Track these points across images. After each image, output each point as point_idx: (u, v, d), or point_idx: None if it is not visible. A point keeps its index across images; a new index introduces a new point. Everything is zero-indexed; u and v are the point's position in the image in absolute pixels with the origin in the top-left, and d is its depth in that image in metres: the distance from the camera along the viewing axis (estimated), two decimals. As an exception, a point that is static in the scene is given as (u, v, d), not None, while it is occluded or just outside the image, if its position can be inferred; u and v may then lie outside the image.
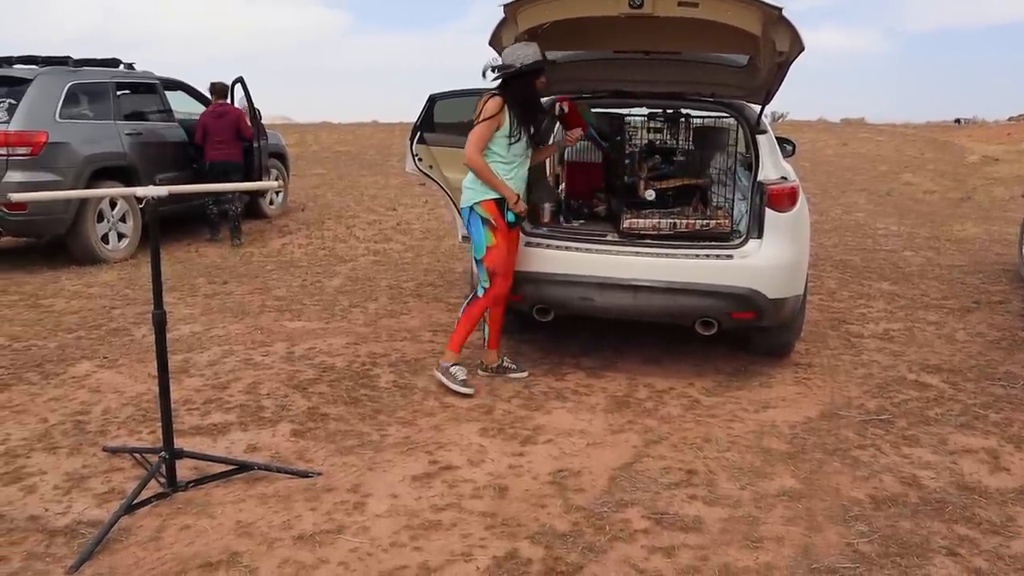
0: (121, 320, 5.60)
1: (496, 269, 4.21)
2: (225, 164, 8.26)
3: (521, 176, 4.25)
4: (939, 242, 8.98)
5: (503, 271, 4.24)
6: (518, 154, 4.18)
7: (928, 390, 4.33)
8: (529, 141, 4.21)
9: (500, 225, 4.17)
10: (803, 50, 3.93)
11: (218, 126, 8.26)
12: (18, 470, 3.34)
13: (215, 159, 8.25)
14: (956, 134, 21.63)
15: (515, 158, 4.18)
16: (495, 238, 4.17)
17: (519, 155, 4.19)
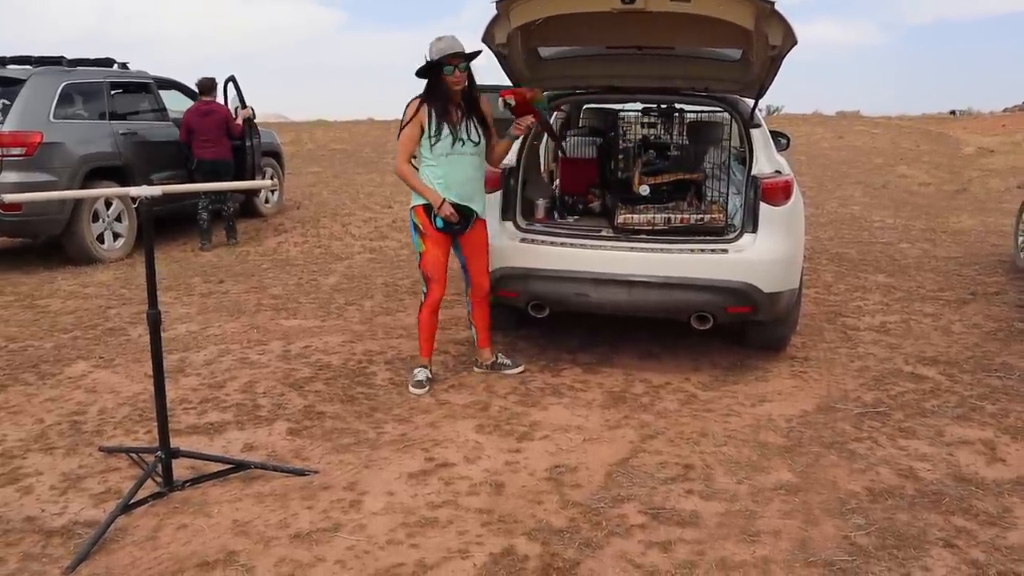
0: (117, 320, 5.59)
1: (429, 275, 4.16)
2: (214, 163, 8.10)
3: (456, 177, 4.06)
4: (935, 234, 8.99)
5: (437, 277, 4.17)
6: (443, 154, 4.02)
7: (924, 382, 4.34)
8: (457, 139, 4.01)
9: (429, 231, 4.10)
10: (796, 44, 3.93)
11: (204, 124, 8.09)
12: (14, 471, 3.34)
13: (204, 157, 8.10)
14: (951, 126, 21.64)
15: (440, 159, 4.03)
16: (424, 244, 4.14)
17: (444, 155, 4.02)
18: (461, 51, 3.90)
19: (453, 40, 3.89)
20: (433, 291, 4.19)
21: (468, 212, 4.12)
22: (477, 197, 4.16)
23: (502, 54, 4.31)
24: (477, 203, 4.16)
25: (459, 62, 3.91)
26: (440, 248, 4.15)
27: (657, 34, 4.25)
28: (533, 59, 4.63)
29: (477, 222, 4.19)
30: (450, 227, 4.10)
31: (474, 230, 4.19)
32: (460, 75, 3.94)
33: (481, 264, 4.26)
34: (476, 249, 4.23)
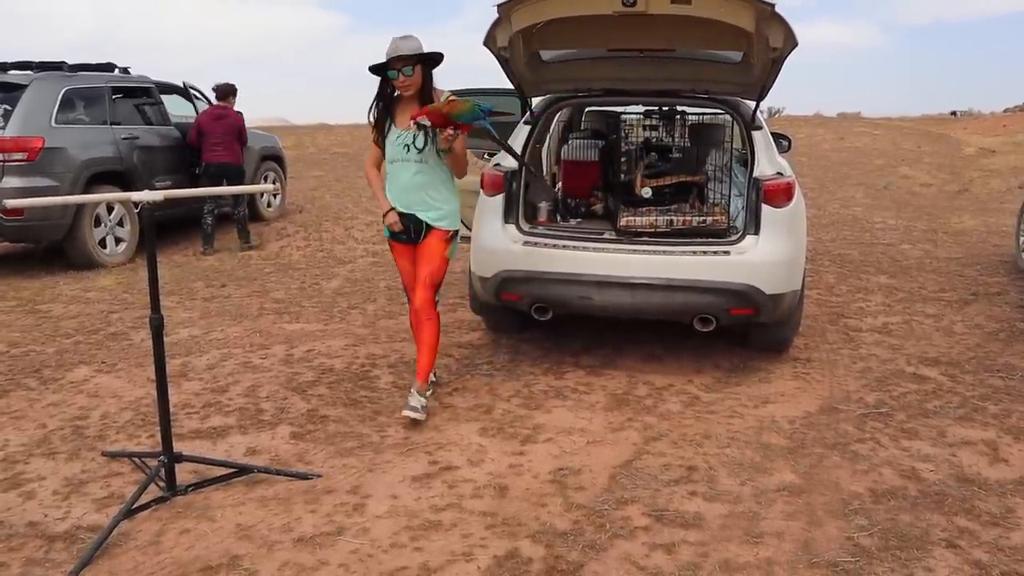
0: (119, 325, 5.60)
1: (404, 284, 4.15)
2: (223, 167, 8.14)
3: (398, 185, 3.89)
4: (936, 235, 8.99)
5: (408, 285, 4.08)
6: (391, 159, 3.91)
7: (927, 383, 4.33)
8: (402, 145, 3.83)
9: (390, 240, 4.07)
10: (796, 46, 3.93)
11: (216, 128, 8.16)
12: (17, 476, 3.34)
13: (211, 161, 8.14)
14: (952, 127, 21.63)
15: (389, 164, 3.93)
16: (393, 253, 4.12)
17: (391, 161, 3.91)
18: (404, 54, 3.71)
19: (401, 42, 3.71)
20: (411, 300, 4.07)
21: (416, 222, 3.91)
22: (423, 207, 3.88)
23: (504, 57, 4.31)
24: (425, 212, 3.88)
25: (401, 66, 3.73)
26: (403, 257, 4.04)
27: (658, 36, 4.24)
28: (535, 62, 4.63)
29: (432, 232, 3.91)
30: (397, 236, 3.97)
31: (426, 239, 3.92)
32: (405, 80, 3.75)
33: (422, 272, 3.92)
34: (421, 255, 3.95)
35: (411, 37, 3.72)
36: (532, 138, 4.74)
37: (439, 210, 3.91)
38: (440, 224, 3.91)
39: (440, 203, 3.91)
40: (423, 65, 3.78)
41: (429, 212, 3.90)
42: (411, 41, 3.72)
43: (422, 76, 3.79)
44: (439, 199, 3.91)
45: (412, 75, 3.75)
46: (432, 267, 3.90)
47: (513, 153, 4.47)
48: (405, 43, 3.70)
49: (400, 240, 3.98)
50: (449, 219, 3.94)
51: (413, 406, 3.83)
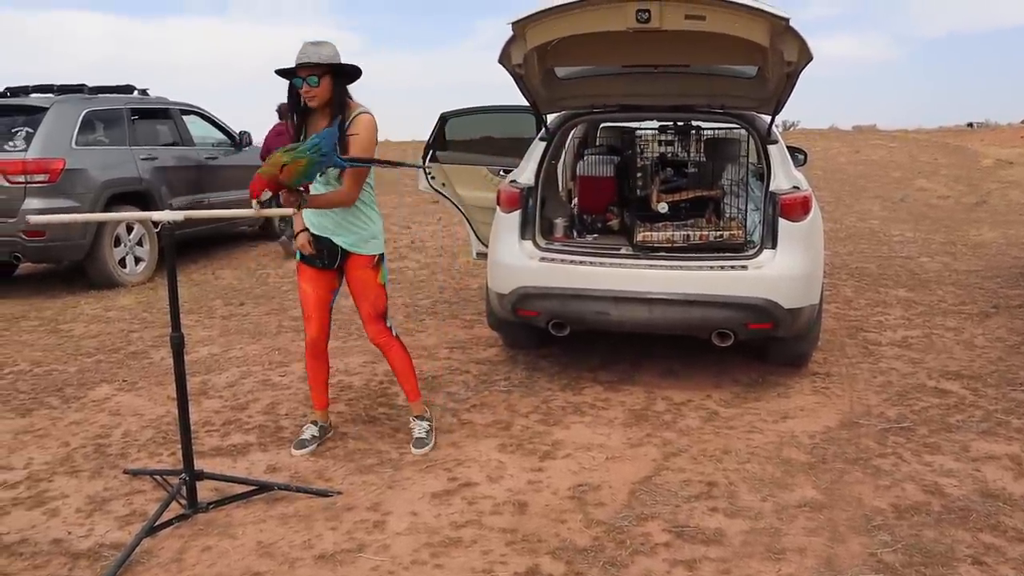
0: (139, 343, 5.65)
1: (303, 309, 3.74)
2: None
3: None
4: (955, 247, 8.93)
5: (307, 313, 3.70)
6: None
7: (948, 397, 4.30)
8: None
9: (298, 262, 3.73)
10: (811, 59, 3.94)
11: (276, 144, 8.31)
12: (41, 494, 3.37)
13: None
14: (969, 138, 21.52)
15: None
16: (297, 276, 3.75)
17: None
18: (310, 61, 3.30)
19: (311, 47, 3.32)
20: (307, 328, 3.73)
21: (330, 246, 3.56)
22: (339, 230, 3.53)
23: (519, 74, 4.34)
24: (341, 237, 3.54)
25: (307, 74, 3.32)
26: (307, 281, 3.65)
27: (672, 52, 4.27)
28: (549, 79, 4.66)
29: (353, 258, 3.58)
30: (309, 260, 3.62)
31: (349, 268, 3.61)
32: (309, 90, 3.34)
33: (363, 309, 3.67)
34: (354, 290, 3.66)
35: (325, 43, 3.35)
36: (547, 154, 4.76)
37: (356, 234, 3.54)
38: (361, 249, 3.56)
39: (357, 226, 3.54)
40: (333, 76, 3.37)
41: (345, 236, 3.54)
42: (323, 48, 3.32)
43: (331, 89, 3.37)
44: (356, 222, 3.53)
45: (317, 86, 3.33)
46: (370, 298, 3.63)
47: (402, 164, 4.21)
48: (315, 49, 3.31)
49: (311, 264, 3.63)
50: (370, 243, 3.58)
51: (419, 438, 3.75)
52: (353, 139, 3.39)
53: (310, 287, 3.66)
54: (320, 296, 3.66)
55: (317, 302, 3.67)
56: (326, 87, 3.36)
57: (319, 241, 3.56)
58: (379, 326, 3.69)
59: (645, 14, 3.71)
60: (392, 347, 3.75)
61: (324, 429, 3.87)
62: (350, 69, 3.41)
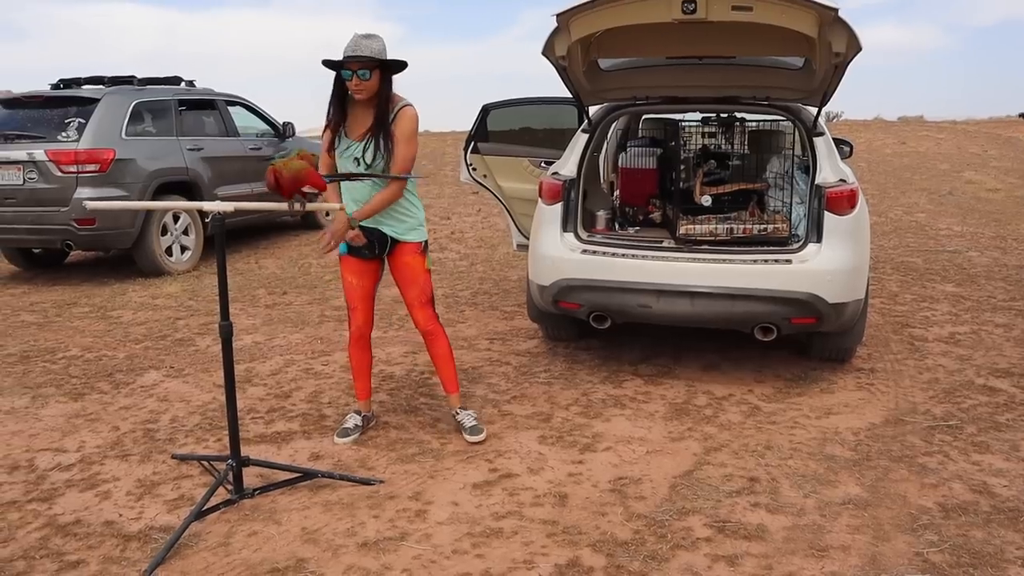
0: (186, 331, 5.75)
1: (347, 301, 3.79)
2: None
3: (359, 198, 3.53)
4: (1005, 241, 8.73)
5: (352, 303, 3.74)
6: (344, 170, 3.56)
7: (998, 395, 4.22)
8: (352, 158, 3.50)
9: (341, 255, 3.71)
10: (860, 50, 3.87)
11: None
12: (93, 476, 3.46)
13: None
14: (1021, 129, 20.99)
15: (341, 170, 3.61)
16: (341, 267, 3.76)
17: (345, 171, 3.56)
18: (362, 55, 3.32)
19: (363, 40, 3.34)
20: (352, 319, 3.77)
21: (380, 236, 3.60)
22: (389, 219, 3.57)
23: (562, 66, 4.33)
24: (391, 226, 3.59)
25: (357, 68, 3.32)
26: (352, 273, 3.70)
27: (718, 43, 4.23)
28: (593, 70, 4.65)
29: (400, 246, 3.62)
30: (359, 251, 3.63)
31: (396, 256, 3.65)
32: (359, 83, 3.35)
33: (411, 295, 3.69)
34: (401, 278, 3.68)
35: (375, 37, 3.35)
36: (590, 146, 4.75)
37: (403, 222, 3.61)
38: (409, 237, 3.62)
39: (404, 215, 3.60)
40: (382, 70, 3.39)
41: (393, 226, 3.60)
42: (374, 42, 3.34)
43: (379, 82, 3.40)
44: (402, 211, 3.59)
45: (368, 80, 3.34)
46: (419, 284, 3.67)
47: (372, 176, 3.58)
48: (366, 43, 3.32)
49: (357, 255, 3.65)
50: (417, 230, 3.65)
51: (473, 425, 3.78)
52: (398, 133, 3.45)
53: (355, 278, 3.69)
54: (366, 286, 3.71)
55: (363, 293, 3.72)
56: (375, 81, 3.37)
57: (367, 232, 3.57)
58: (428, 311, 3.72)
59: (691, 5, 3.68)
60: (439, 334, 3.77)
61: (367, 419, 3.91)
62: (398, 64, 3.43)
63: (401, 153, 3.46)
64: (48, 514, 3.14)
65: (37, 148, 7.01)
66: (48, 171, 6.96)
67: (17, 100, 7.66)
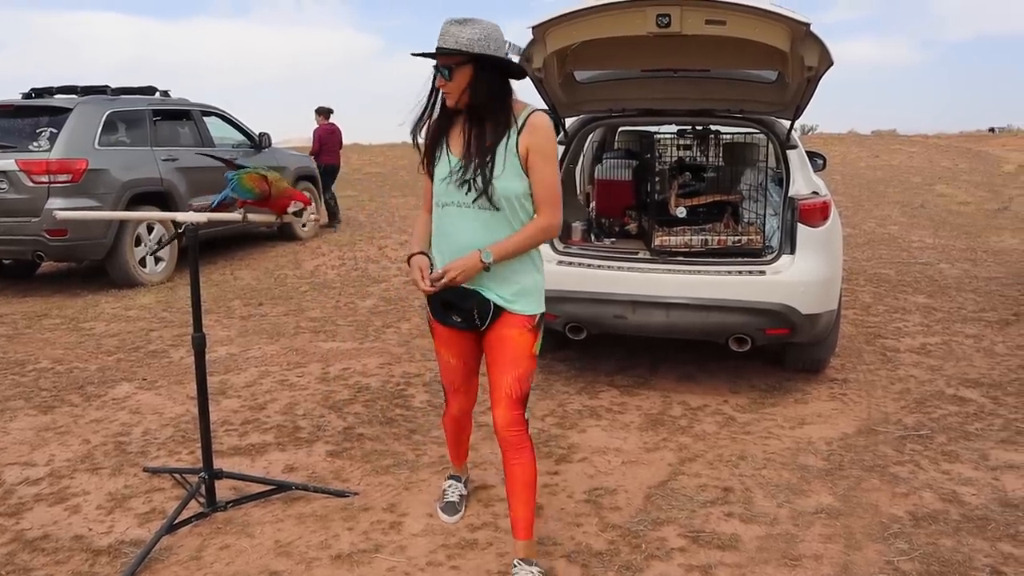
0: (159, 343, 5.70)
1: (442, 381, 2.92)
2: (334, 167, 11.34)
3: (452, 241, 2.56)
4: (976, 254, 8.86)
5: (450, 385, 2.88)
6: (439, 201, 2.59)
7: (968, 405, 4.27)
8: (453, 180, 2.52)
9: (431, 320, 2.75)
10: (832, 64, 3.92)
11: (331, 140, 11.33)
12: (63, 490, 3.41)
13: (328, 163, 11.13)
14: (991, 143, 21.34)
15: (437, 208, 2.61)
16: (433, 338, 2.83)
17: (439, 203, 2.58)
18: (447, 47, 2.43)
19: (454, 27, 2.43)
20: (450, 401, 2.94)
21: (481, 302, 2.57)
22: (498, 280, 2.55)
23: (538, 78, 4.35)
24: (496, 288, 2.56)
25: (441, 63, 2.46)
26: (450, 349, 2.76)
27: (692, 56, 4.27)
28: (569, 82, 4.67)
29: (507, 318, 2.59)
30: (447, 319, 2.64)
31: (498, 326, 2.61)
32: (443, 83, 2.48)
33: (502, 381, 2.61)
34: (497, 356, 2.63)
35: (471, 22, 2.43)
36: (566, 158, 4.77)
37: (518, 284, 2.58)
38: (519, 306, 2.59)
39: (521, 274, 2.59)
40: (476, 68, 2.44)
41: (502, 289, 2.56)
42: (466, 28, 2.42)
43: (471, 84, 2.45)
44: (521, 268, 2.59)
45: (448, 79, 2.45)
46: (518, 372, 2.60)
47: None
48: (456, 30, 2.42)
49: (451, 325, 2.66)
50: (533, 297, 2.63)
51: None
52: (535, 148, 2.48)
53: (454, 356, 2.77)
54: (469, 366, 2.81)
55: (466, 373, 2.82)
56: (461, 81, 2.45)
57: (465, 296, 2.56)
58: (517, 412, 2.64)
59: (665, 19, 3.71)
60: (525, 448, 2.66)
61: (465, 483, 3.31)
62: (497, 61, 2.46)
63: (545, 176, 2.50)
64: (15, 529, 3.09)
65: (7, 158, 6.93)
66: (19, 181, 6.88)
67: (-12, 109, 7.57)
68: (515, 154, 2.48)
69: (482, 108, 2.48)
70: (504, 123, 2.49)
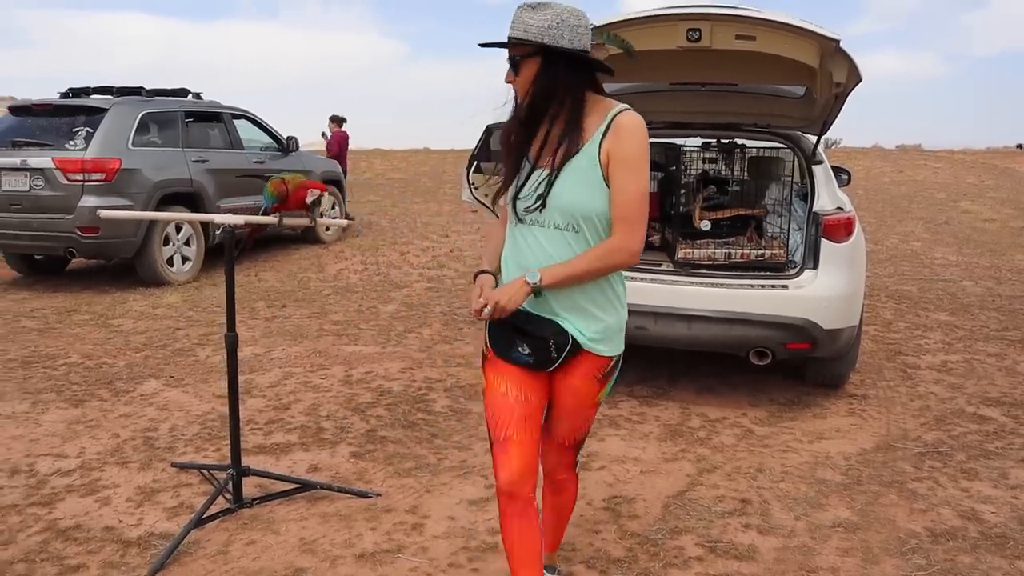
0: (185, 341, 5.79)
1: (492, 429, 2.22)
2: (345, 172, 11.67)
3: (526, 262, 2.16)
4: (1000, 272, 8.81)
5: (504, 431, 2.17)
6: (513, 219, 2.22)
7: (988, 423, 4.27)
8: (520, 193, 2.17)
9: (489, 352, 2.28)
10: (860, 81, 3.96)
11: (346, 146, 12.58)
12: (93, 482, 3.49)
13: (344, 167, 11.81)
14: (1018, 160, 21.17)
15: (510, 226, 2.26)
16: (484, 372, 2.29)
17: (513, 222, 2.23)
18: (515, 36, 2.08)
19: (523, 15, 2.08)
20: (500, 462, 2.17)
21: (558, 334, 2.16)
22: (578, 312, 2.16)
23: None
24: (580, 322, 2.16)
25: (511, 53, 2.12)
26: (509, 382, 2.20)
27: (721, 71, 4.31)
28: (596, 95, 4.71)
29: (582, 358, 2.19)
30: (515, 355, 2.19)
31: (568, 372, 2.22)
32: (510, 77, 2.14)
33: (563, 427, 2.34)
34: (562, 405, 2.28)
35: (545, 6, 2.07)
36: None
37: (601, 320, 2.19)
38: (600, 346, 2.19)
39: (604, 306, 2.19)
40: (545, 59, 2.07)
41: (585, 322, 2.17)
42: (538, 14, 2.06)
43: (536, 77, 2.09)
44: (597, 298, 2.18)
45: (516, 73, 2.11)
46: (579, 419, 2.33)
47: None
48: (527, 16, 2.07)
49: (517, 361, 2.20)
50: (615, 338, 2.24)
51: None
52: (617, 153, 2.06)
53: (513, 386, 2.20)
54: (531, 404, 2.20)
55: (524, 416, 2.19)
56: (528, 75, 2.10)
57: (539, 323, 2.18)
58: (571, 457, 2.44)
59: (696, 33, 3.77)
60: (572, 486, 2.52)
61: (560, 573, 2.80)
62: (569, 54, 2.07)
63: (623, 187, 2.07)
64: (48, 518, 3.18)
65: (44, 156, 7.08)
66: (55, 179, 7.03)
67: (26, 108, 7.73)
68: (596, 163, 2.07)
69: (550, 107, 2.10)
70: (576, 125, 2.09)
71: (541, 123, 2.13)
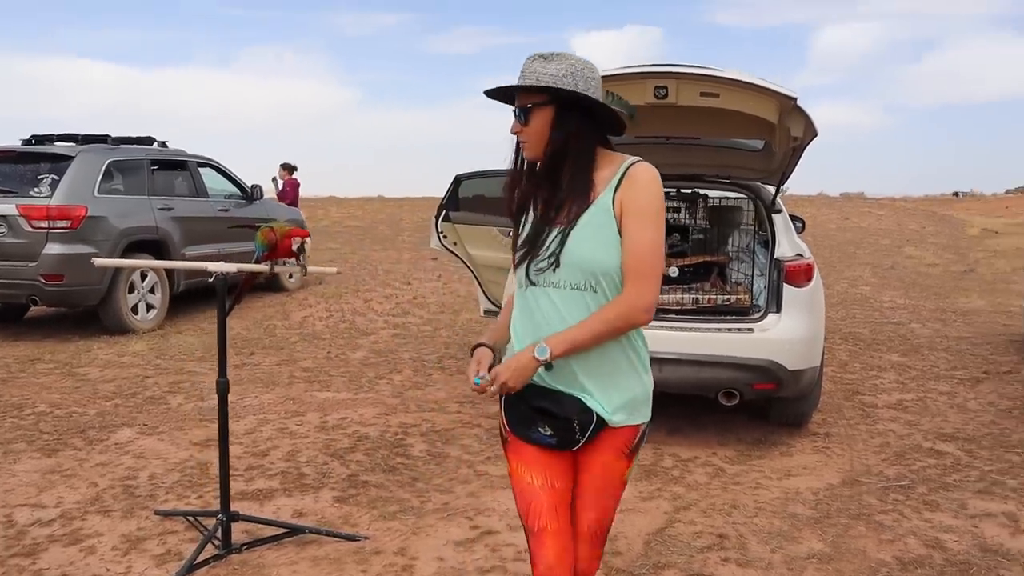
0: (156, 389, 5.77)
1: (526, 519, 2.06)
2: None
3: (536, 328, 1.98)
4: (945, 314, 9.19)
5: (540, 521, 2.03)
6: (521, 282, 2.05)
7: (944, 457, 4.48)
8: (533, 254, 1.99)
9: (508, 434, 2.09)
10: (816, 135, 4.21)
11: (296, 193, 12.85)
12: (76, 531, 3.48)
13: None
14: (955, 207, 22.04)
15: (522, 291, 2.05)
16: (507, 456, 2.12)
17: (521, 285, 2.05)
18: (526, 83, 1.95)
19: (534, 65, 1.95)
20: (536, 555, 2.04)
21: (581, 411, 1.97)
22: (599, 384, 1.98)
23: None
24: (603, 395, 1.98)
25: (518, 103, 1.99)
26: (532, 467, 2.04)
27: (685, 125, 4.53)
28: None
29: (607, 434, 2.00)
30: (531, 430, 2.01)
31: (594, 449, 2.03)
32: (517, 127, 1.99)
33: (584, 514, 2.10)
34: (588, 486, 2.08)
35: (559, 56, 1.95)
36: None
37: (624, 389, 2.01)
38: (625, 417, 2.01)
39: (622, 373, 2.01)
40: (559, 109, 1.95)
41: (607, 395, 1.99)
42: (551, 63, 1.94)
43: (551, 128, 1.96)
44: (619, 361, 2.00)
45: (524, 122, 1.97)
46: (605, 504, 2.12)
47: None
48: (538, 66, 1.95)
49: (538, 442, 2.02)
50: (642, 407, 2.06)
51: None
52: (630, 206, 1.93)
53: (538, 474, 2.04)
54: (558, 489, 2.04)
55: (554, 505, 2.03)
56: (540, 126, 1.96)
57: (560, 403, 1.98)
58: (597, 550, 2.18)
59: (663, 90, 3.97)
60: None
61: None
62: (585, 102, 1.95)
63: (636, 239, 1.92)
64: (33, 569, 3.16)
65: (8, 203, 7.04)
66: (18, 226, 6.98)
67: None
68: (611, 214, 1.93)
69: (565, 159, 1.97)
70: (589, 178, 1.97)
71: (558, 175, 1.98)
